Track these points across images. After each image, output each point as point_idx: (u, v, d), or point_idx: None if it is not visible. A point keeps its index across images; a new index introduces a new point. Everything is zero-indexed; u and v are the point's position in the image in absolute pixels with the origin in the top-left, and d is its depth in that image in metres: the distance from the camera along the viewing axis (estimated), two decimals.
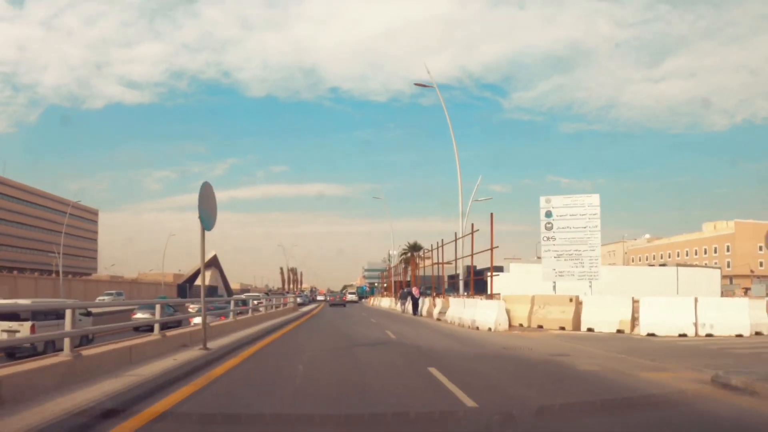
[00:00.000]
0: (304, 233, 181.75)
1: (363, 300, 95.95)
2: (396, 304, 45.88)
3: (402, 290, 40.02)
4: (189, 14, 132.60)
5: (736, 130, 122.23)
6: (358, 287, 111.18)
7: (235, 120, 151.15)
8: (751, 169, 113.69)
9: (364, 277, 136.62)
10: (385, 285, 70.01)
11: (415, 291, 32.71)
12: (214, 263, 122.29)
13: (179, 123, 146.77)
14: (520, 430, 5.48)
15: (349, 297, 77.93)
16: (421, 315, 31.25)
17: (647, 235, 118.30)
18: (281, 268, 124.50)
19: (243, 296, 37.06)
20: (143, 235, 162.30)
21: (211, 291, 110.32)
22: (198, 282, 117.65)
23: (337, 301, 59.81)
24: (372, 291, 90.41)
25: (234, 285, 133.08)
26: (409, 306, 35.97)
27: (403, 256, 67.18)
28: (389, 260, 79.95)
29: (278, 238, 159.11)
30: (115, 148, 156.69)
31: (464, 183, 27.51)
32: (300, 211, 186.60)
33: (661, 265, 78.17)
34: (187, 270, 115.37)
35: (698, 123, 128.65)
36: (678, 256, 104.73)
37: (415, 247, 66.96)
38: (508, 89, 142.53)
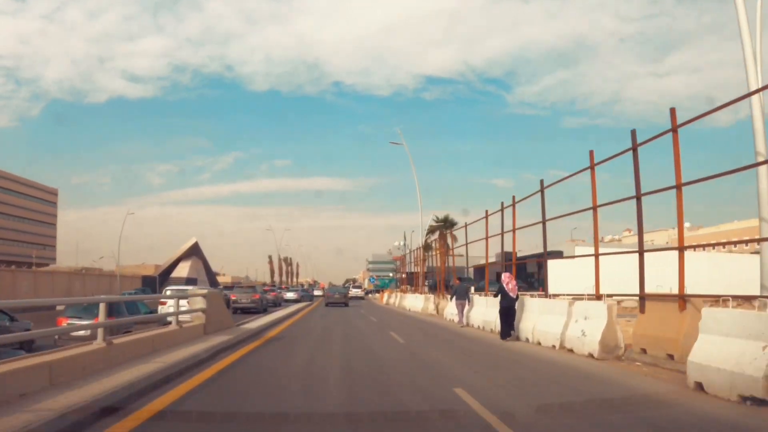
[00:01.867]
0: (306, 227, 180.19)
1: (371, 295, 77.78)
2: (433, 303, 26.78)
3: (459, 283, 20.81)
4: (192, 7, 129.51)
5: (740, 126, 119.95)
6: (370, 278, 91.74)
7: (238, 114, 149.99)
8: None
9: (369, 270, 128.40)
10: (403, 275, 51.07)
11: (507, 282, 13.67)
12: (195, 252, 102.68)
13: (182, 117, 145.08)
14: None
15: (354, 292, 60.36)
16: (517, 338, 13.00)
17: (687, 224, 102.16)
18: (269, 257, 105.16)
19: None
20: (144, 229, 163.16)
21: (190, 284, 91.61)
22: (176, 274, 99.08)
23: (336, 299, 39.21)
24: (385, 283, 69.60)
25: (224, 279, 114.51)
26: (484, 314, 16.80)
27: (429, 237, 47.89)
28: (403, 246, 60.84)
29: (277, 232, 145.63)
30: (118, 143, 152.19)
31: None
32: (302, 206, 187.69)
33: (754, 252, 60.68)
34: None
35: (702, 118, 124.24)
36: (735, 246, 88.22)
37: (447, 222, 47.64)
38: (511, 84, 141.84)
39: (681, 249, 8.98)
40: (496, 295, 14.24)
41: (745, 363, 5.83)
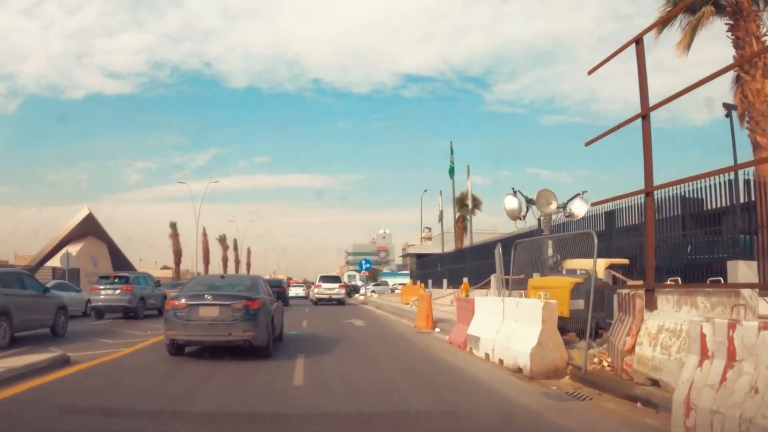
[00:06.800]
0: (284, 224, 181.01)
1: (360, 296, 47.63)
2: None
3: None
4: (172, 4, 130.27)
5: (717, 125, 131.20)
6: (360, 262, 63.69)
7: (216, 111, 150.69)
8: (729, 162, 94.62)
9: (348, 263, 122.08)
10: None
11: None
12: (89, 230, 64.56)
13: (160, 113, 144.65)
14: None
15: (324, 290, 35.33)
16: None
17: None
18: (172, 226, 67.19)
19: None
20: (122, 227, 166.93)
21: (73, 278, 53.98)
22: (53, 262, 62.51)
23: (207, 335, 9.09)
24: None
25: (164, 273, 78.84)
26: None
27: None
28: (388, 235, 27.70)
29: (196, 181, 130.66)
30: (95, 139, 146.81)
31: None
32: (281, 202, 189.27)
33: None
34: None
35: (678, 117, 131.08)
36: None
37: None
38: (490, 82, 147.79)
39: None
40: None
41: None
